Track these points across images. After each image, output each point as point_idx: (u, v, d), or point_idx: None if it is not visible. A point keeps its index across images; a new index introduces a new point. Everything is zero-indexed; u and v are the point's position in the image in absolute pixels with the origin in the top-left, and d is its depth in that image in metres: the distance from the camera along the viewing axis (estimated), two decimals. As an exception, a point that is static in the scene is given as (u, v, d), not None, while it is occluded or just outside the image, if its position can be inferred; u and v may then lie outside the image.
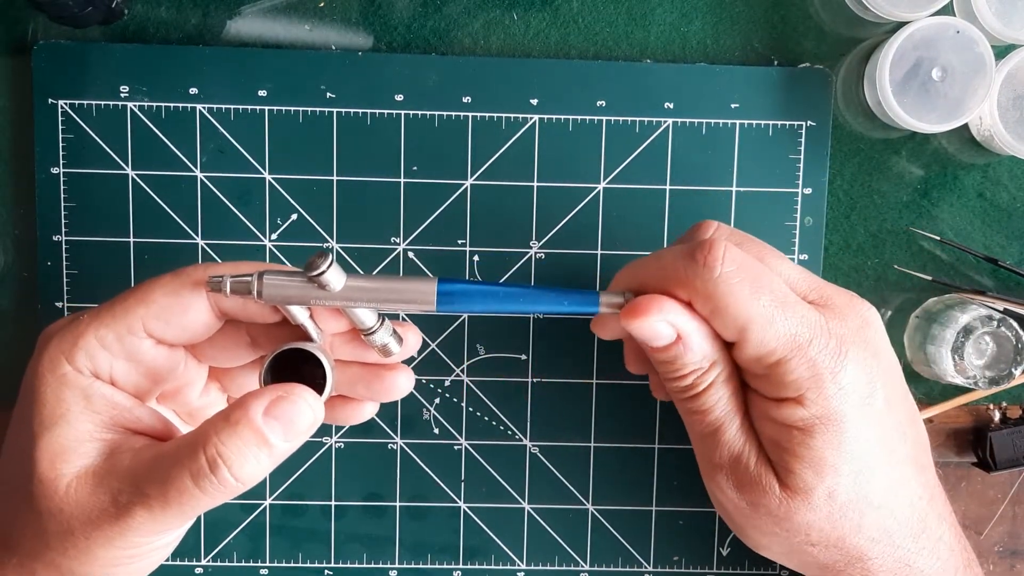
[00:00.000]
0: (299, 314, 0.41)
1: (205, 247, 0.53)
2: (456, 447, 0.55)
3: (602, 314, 0.44)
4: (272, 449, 0.38)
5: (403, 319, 0.52)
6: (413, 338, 0.45)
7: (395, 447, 0.54)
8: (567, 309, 0.43)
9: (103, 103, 0.52)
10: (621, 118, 0.53)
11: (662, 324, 0.42)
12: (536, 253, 0.53)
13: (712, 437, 0.44)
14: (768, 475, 0.43)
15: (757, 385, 0.44)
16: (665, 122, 0.53)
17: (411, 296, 0.41)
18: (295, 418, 0.39)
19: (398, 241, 0.53)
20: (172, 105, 0.52)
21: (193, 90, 0.52)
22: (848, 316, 0.43)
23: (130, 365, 0.41)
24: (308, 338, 0.42)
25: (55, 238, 0.52)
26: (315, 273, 0.39)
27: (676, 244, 0.45)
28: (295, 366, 0.41)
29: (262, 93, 0.52)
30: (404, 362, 0.45)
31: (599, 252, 0.54)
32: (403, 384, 0.45)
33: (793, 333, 0.41)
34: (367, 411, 0.46)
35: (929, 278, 0.54)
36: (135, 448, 0.40)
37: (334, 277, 0.39)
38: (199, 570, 0.54)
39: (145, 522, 0.38)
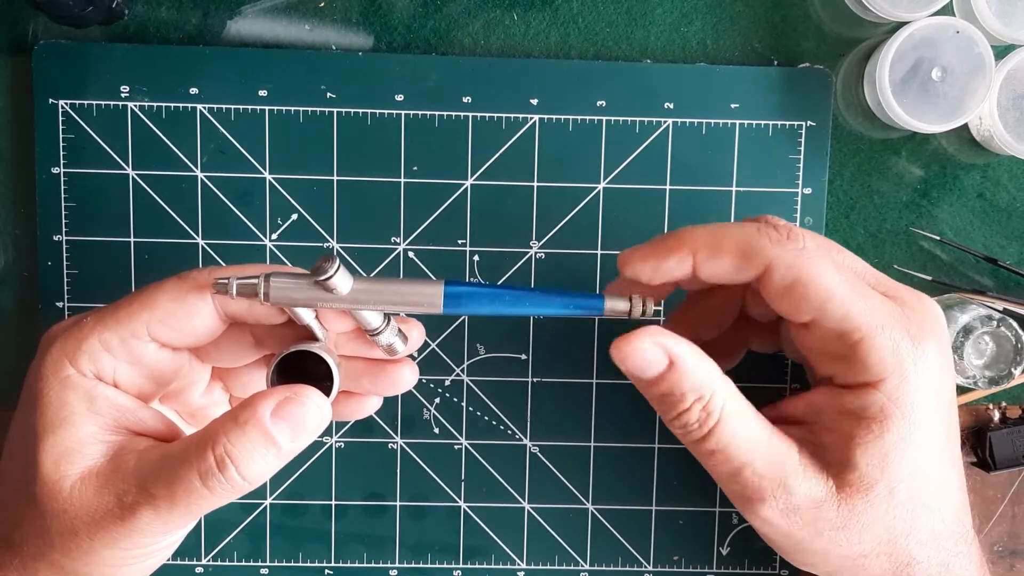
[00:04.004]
0: (305, 315, 0.41)
1: (205, 247, 0.53)
2: (456, 447, 0.55)
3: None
4: (280, 449, 0.39)
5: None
6: (417, 334, 0.45)
7: (395, 447, 0.54)
8: (572, 312, 0.42)
9: (104, 103, 0.52)
10: (621, 118, 0.53)
11: (651, 347, 0.40)
12: (536, 253, 0.54)
13: (743, 472, 0.42)
14: (823, 483, 0.41)
15: (832, 370, 0.43)
16: (665, 122, 0.53)
17: (418, 299, 0.41)
18: (303, 419, 0.39)
19: (398, 241, 0.53)
20: (172, 105, 0.52)
21: (193, 90, 0.52)
22: (919, 310, 0.42)
23: (134, 368, 0.41)
24: (313, 338, 0.42)
25: (55, 238, 0.52)
26: (323, 277, 0.39)
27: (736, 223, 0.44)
28: (301, 366, 0.41)
29: (262, 93, 0.52)
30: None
31: (599, 252, 0.54)
32: (407, 378, 0.45)
33: (875, 312, 0.40)
34: (371, 405, 0.46)
35: (929, 278, 0.54)
36: (139, 449, 0.40)
37: (341, 281, 0.39)
38: (199, 569, 0.54)
39: (151, 522, 0.38)
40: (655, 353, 0.41)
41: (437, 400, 0.54)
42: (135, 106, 0.52)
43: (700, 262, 0.42)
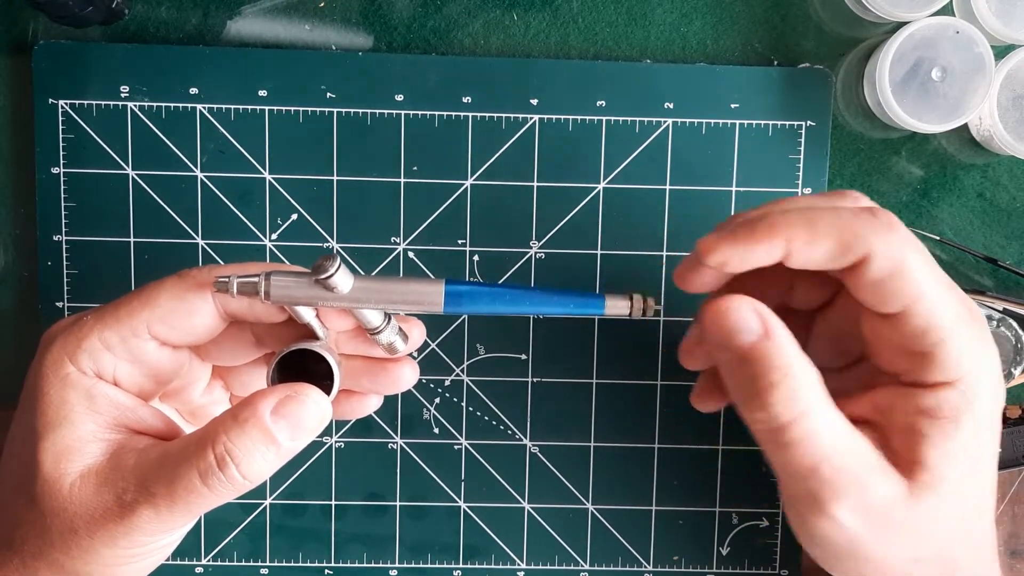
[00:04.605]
0: (305, 313, 0.41)
1: (205, 247, 0.53)
2: (456, 447, 0.55)
3: (692, 341, 0.40)
4: (280, 448, 0.39)
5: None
6: (417, 333, 0.45)
7: (395, 447, 0.54)
8: (572, 311, 0.42)
9: (103, 103, 0.52)
10: (621, 118, 0.53)
11: (749, 311, 0.38)
12: (536, 253, 0.53)
13: (821, 468, 0.38)
14: (898, 482, 0.39)
15: (904, 365, 0.40)
16: (665, 122, 0.53)
17: (418, 298, 0.41)
18: (303, 417, 0.39)
19: (398, 241, 0.53)
20: (172, 105, 0.52)
21: (193, 90, 0.52)
22: (976, 312, 0.40)
23: (134, 366, 0.41)
24: (314, 336, 0.42)
25: (55, 238, 0.52)
26: (323, 276, 0.39)
27: (823, 198, 0.41)
28: (302, 365, 0.41)
29: (262, 93, 0.52)
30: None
31: (599, 252, 0.54)
32: (408, 376, 0.45)
33: (960, 312, 0.39)
34: (371, 404, 0.46)
35: (928, 278, 0.54)
36: (139, 448, 0.39)
37: (342, 280, 0.39)
38: (199, 570, 0.54)
39: (150, 521, 0.38)
40: (753, 318, 0.38)
41: (437, 400, 0.54)
42: (135, 106, 0.52)
43: (794, 250, 0.39)
